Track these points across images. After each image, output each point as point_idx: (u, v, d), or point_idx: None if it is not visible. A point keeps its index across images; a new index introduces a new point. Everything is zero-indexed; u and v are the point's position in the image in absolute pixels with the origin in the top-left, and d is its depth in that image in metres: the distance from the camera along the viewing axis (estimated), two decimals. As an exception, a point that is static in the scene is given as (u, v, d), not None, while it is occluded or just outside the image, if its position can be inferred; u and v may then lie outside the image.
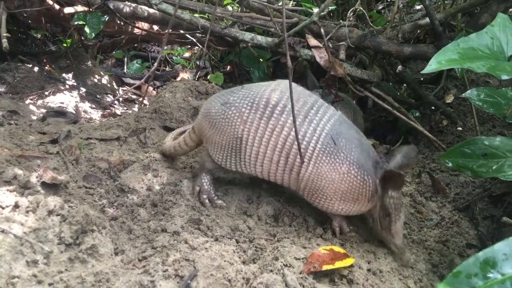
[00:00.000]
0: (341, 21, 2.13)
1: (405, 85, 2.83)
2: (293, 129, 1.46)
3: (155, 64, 1.59)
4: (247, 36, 2.13)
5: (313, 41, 2.04)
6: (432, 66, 1.31)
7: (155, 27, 3.12)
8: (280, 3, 2.35)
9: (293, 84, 1.56)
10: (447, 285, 0.85)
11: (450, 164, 1.55)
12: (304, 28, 2.08)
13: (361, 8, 2.10)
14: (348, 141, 1.52)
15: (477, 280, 0.84)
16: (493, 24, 1.44)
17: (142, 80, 1.60)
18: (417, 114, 2.66)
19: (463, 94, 1.64)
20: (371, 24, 2.33)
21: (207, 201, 1.68)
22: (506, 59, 1.40)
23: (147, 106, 2.46)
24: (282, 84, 1.60)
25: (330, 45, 1.99)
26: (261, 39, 2.12)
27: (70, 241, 1.30)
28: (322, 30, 1.99)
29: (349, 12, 2.20)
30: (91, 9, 2.42)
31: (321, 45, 1.99)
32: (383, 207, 1.54)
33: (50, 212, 1.34)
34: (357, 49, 2.32)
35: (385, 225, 1.56)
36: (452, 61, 1.32)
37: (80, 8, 2.54)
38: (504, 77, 1.30)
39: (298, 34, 2.09)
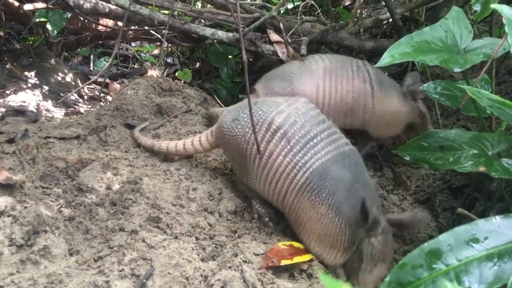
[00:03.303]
0: (303, 16, 2.12)
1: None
2: (288, 158, 1.48)
3: (110, 60, 1.55)
4: (208, 31, 2.11)
5: (274, 36, 2.03)
6: (385, 60, 1.32)
7: (120, 24, 3.07)
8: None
9: (308, 108, 1.56)
10: (393, 277, 0.85)
11: (407, 158, 1.57)
12: (266, 23, 2.08)
13: (313, 2, 2.09)
14: (335, 182, 1.43)
15: (422, 271, 0.84)
16: (447, 18, 1.46)
17: (97, 76, 1.55)
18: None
19: (420, 87, 1.65)
20: (321, 17, 2.33)
21: (270, 223, 1.65)
22: (459, 52, 1.41)
23: (109, 103, 2.41)
24: (293, 106, 1.56)
25: (289, 40, 1.99)
26: (222, 34, 2.11)
27: (22, 242, 1.27)
28: (281, 25, 1.99)
29: (301, 6, 2.18)
30: (48, 5, 2.36)
31: (282, 40, 1.99)
32: (358, 250, 1.40)
33: (1, 213, 1.31)
34: (320, 44, 2.32)
35: (352, 270, 1.44)
36: (405, 55, 1.33)
37: (39, 4, 2.48)
38: (457, 69, 1.31)
39: (260, 30, 2.08)
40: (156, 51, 4.38)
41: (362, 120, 1.96)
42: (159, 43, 3.99)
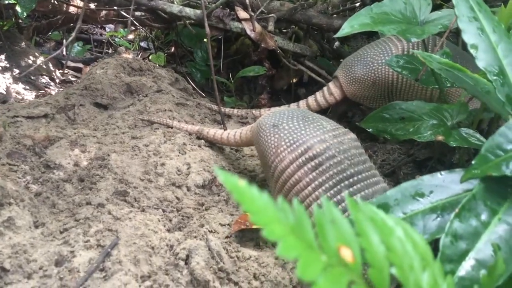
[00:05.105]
0: (271, -7, 2.14)
1: (341, 60, 2.89)
2: (318, 192, 1.37)
3: (74, 34, 1.54)
4: (175, 8, 2.11)
5: (242, 14, 2.04)
6: (344, 30, 1.35)
7: (91, 5, 3.04)
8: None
9: (352, 145, 1.45)
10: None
11: (370, 130, 1.60)
12: (235, 0, 2.08)
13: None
14: None
15: (370, 225, 0.87)
16: (406, -10, 1.48)
17: (55, 54, 1.54)
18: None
19: (385, 61, 1.68)
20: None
21: None
22: (418, 24, 1.45)
23: (78, 83, 2.40)
24: (337, 139, 1.44)
25: (254, 15, 2.00)
26: (189, 11, 2.10)
27: (-15, 214, 1.27)
28: (247, 1, 2.00)
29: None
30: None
31: (250, 18, 2.00)
32: None
33: (-35, 187, 1.31)
34: (289, 23, 2.34)
35: None
36: (364, 25, 1.36)
37: (6, -16, 2.44)
38: (414, 39, 1.34)
39: (228, 7, 2.08)
40: (131, 36, 4.35)
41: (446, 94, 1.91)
42: (133, 28, 3.97)
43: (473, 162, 0.83)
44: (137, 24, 3.07)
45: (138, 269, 1.23)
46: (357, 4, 2.93)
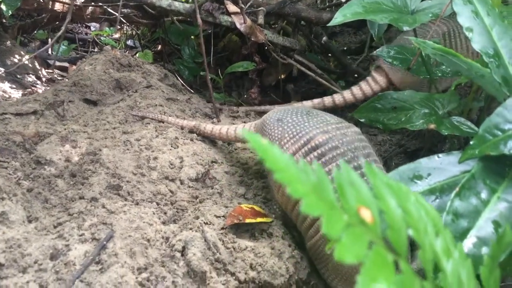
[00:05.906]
0: (260, -13, 2.14)
1: (330, 55, 2.90)
2: None
3: (63, 28, 1.53)
4: (164, 2, 2.09)
5: (232, 7, 2.04)
6: (337, 19, 1.35)
7: (79, 2, 3.01)
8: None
9: (356, 138, 1.42)
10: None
11: (363, 120, 1.61)
12: (223, -6, 2.08)
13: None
14: None
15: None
16: (397, -20, 1.50)
17: (36, 53, 1.53)
18: (343, 84, 2.76)
19: (375, 52, 1.70)
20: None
21: None
22: (409, 13, 1.46)
23: (66, 79, 2.38)
24: (340, 131, 1.42)
25: (243, 6, 1.99)
26: (178, 5, 2.09)
27: (-22, 209, 1.25)
28: (237, -6, 2.00)
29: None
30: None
31: (240, 11, 1.99)
32: None
33: (-45, 182, 1.29)
34: (278, 16, 2.34)
35: None
36: (356, 14, 1.37)
37: (-9, -19, 2.41)
38: (406, 28, 1.36)
39: (217, 1, 2.08)
40: (117, 35, 4.32)
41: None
42: (119, 27, 3.95)
43: (471, 142, 0.83)
44: (124, 21, 3.04)
45: (134, 261, 1.23)
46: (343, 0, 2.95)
